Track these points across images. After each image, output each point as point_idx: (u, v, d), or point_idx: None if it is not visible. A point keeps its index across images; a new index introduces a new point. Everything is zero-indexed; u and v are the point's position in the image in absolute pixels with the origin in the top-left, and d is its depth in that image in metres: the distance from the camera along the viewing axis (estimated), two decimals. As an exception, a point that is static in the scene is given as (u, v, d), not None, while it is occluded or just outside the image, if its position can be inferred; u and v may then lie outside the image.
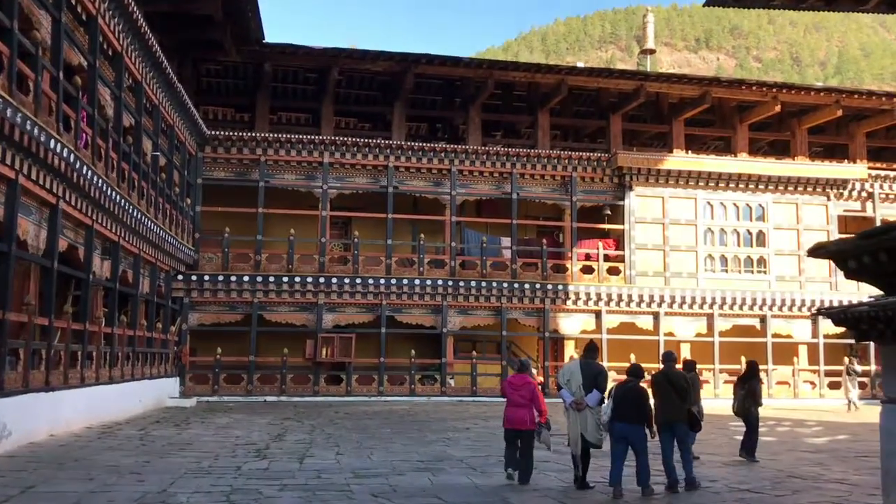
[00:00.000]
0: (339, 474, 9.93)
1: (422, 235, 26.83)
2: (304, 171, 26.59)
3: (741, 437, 12.44)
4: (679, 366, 11.35)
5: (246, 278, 25.24)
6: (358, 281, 25.83)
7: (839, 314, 8.19)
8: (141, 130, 19.19)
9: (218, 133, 25.98)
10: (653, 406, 9.40)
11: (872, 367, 28.94)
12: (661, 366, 10.26)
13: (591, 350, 9.72)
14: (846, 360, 29.51)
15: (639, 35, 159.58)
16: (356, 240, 26.29)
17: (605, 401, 9.17)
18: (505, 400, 9.79)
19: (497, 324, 26.98)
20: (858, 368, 26.09)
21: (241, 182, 26.31)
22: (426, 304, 26.49)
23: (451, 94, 29.20)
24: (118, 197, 16.56)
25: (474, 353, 26.83)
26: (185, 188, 24.68)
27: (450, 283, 26.43)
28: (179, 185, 23.93)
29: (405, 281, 26.15)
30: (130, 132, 18.66)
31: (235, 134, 26.07)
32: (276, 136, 26.18)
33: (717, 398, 25.63)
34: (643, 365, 26.01)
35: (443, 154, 27.09)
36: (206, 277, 25.11)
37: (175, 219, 22.90)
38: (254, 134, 26.19)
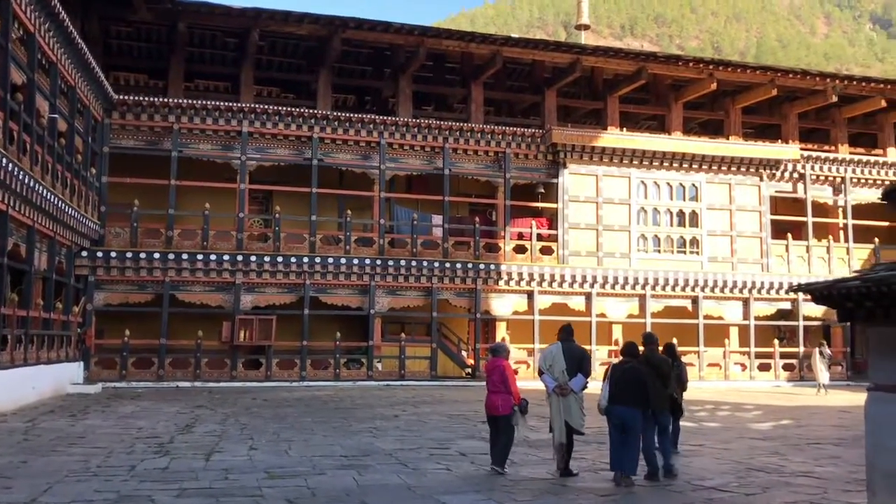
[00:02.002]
0: (250, 474, 8.62)
1: (348, 211, 25.43)
2: (222, 140, 24.82)
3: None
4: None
5: (157, 255, 23.41)
6: (279, 259, 24.29)
7: (822, 291, 7.27)
8: (34, 89, 17.22)
9: (127, 98, 23.96)
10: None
11: (801, 350, 28.93)
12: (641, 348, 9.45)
13: (568, 332, 9.20)
14: (785, 340, 29.63)
15: (566, 20, 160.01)
16: (277, 215, 24.72)
17: (602, 384, 8.66)
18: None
19: (427, 304, 25.84)
20: (828, 352, 25.75)
21: (152, 151, 24.39)
22: (353, 283, 25.14)
23: (380, 64, 27.75)
24: (4, 160, 14.68)
25: (403, 335, 25.69)
26: (90, 157, 22.67)
27: (378, 262, 25.13)
28: (83, 153, 21.95)
29: (330, 259, 24.73)
30: (22, 90, 16.69)
31: (146, 99, 24.09)
32: (190, 102, 24.32)
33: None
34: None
35: (371, 126, 25.66)
36: (113, 254, 23.18)
37: (78, 190, 20.96)
38: (166, 99, 24.27)
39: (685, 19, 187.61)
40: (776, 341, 29.22)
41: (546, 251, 27.09)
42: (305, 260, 24.47)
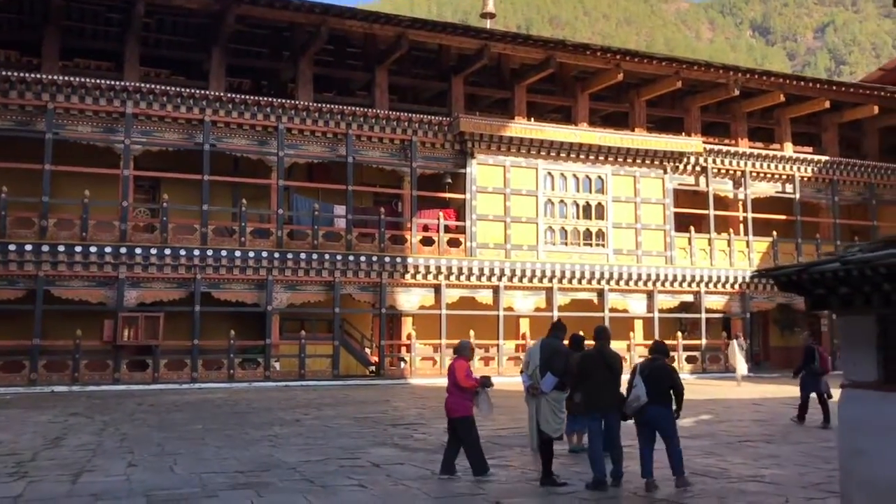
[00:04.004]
0: (126, 500, 7.23)
1: (244, 201, 23.78)
2: (103, 122, 22.74)
3: None
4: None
5: (28, 247, 21.18)
6: (167, 252, 22.45)
7: (790, 276, 6.48)
8: None
9: (-8, 73, 21.59)
10: (582, 391, 8.30)
11: (703, 342, 29.08)
12: (594, 342, 8.81)
13: (556, 328, 8.50)
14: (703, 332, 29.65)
15: (464, 18, 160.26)
16: (165, 204, 22.84)
17: (632, 382, 7.97)
18: None
19: (329, 300, 24.47)
20: (744, 343, 25.82)
21: (22, 132, 22.07)
22: (248, 278, 23.53)
23: (278, 45, 26.15)
24: None
25: (303, 332, 24.23)
26: (-52, 137, 20.29)
27: (276, 255, 23.60)
28: (-60, 132, 19.58)
29: (223, 252, 23.04)
30: None
31: (15, 74, 21.77)
32: (67, 79, 22.13)
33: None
34: (482, 341, 24.56)
35: (269, 109, 24.06)
36: (-23, 246, 20.84)
37: (-68, 173, 18.63)
38: (39, 76, 22.01)
39: (578, 21, 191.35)
40: (679, 333, 29.29)
41: (454, 243, 26.18)
42: (196, 253, 22.72)
